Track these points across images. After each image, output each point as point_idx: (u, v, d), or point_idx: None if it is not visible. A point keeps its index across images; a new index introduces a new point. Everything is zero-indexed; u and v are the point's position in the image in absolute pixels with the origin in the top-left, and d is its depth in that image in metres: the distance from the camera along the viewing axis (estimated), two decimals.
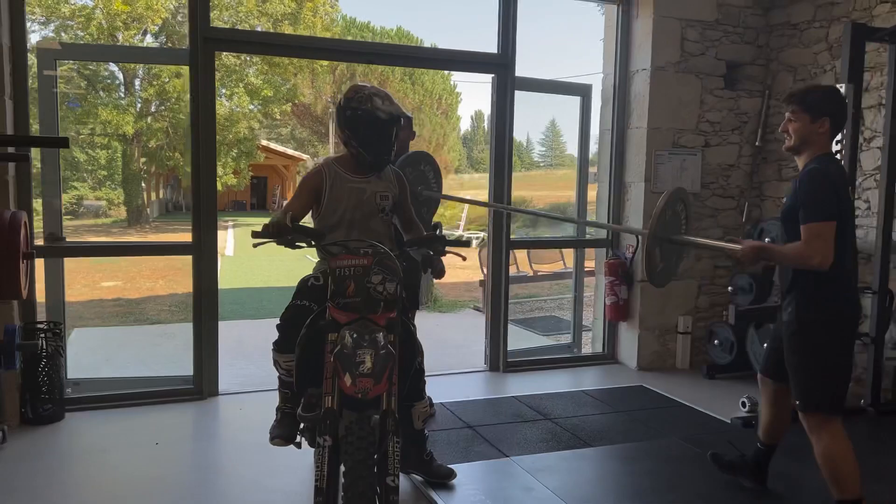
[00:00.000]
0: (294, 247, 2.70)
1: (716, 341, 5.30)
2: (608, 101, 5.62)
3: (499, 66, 5.10)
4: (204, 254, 4.44)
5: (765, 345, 4.51)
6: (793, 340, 2.92)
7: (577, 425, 4.15)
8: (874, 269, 4.51)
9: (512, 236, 5.34)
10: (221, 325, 4.60)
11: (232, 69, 22.55)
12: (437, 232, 2.83)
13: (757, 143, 5.61)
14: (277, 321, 2.94)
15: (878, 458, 3.81)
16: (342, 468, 2.29)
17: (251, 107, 25.04)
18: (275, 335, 2.94)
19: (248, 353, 5.69)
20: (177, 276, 10.23)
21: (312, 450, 3.43)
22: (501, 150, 5.13)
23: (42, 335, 4.05)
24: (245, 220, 26.42)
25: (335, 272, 2.51)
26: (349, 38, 29.91)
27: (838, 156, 4.33)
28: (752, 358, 5.01)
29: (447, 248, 2.88)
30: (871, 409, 4.45)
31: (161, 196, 32.83)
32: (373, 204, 3.00)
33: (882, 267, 4.46)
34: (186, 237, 4.53)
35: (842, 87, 4.29)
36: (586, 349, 5.92)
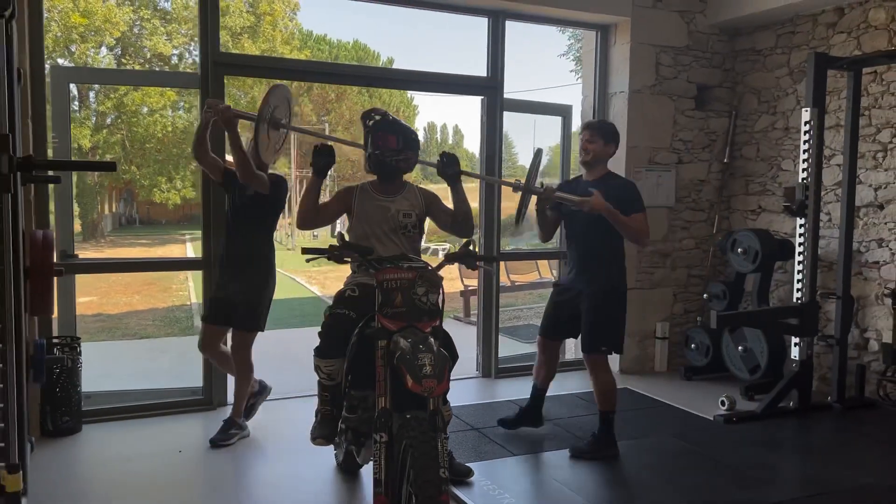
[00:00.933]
0: (342, 261, 2.94)
1: (692, 345, 5.67)
2: (588, 118, 5.96)
3: (488, 88, 5.40)
4: (214, 269, 4.59)
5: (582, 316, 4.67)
6: (603, 302, 3.96)
7: (575, 425, 4.45)
8: (837, 277, 4.93)
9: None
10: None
11: None
12: (470, 248, 3.09)
13: (725, 160, 6.03)
14: (319, 329, 3.18)
15: (845, 448, 4.20)
16: (400, 462, 2.51)
17: None
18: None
19: None
20: (151, 290, 10.25)
21: (333, 452, 3.68)
22: (492, 165, 5.43)
23: (60, 349, 4.17)
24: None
25: (383, 284, 2.74)
26: (307, 50, 30.08)
27: (804, 174, 4.76)
28: (726, 360, 5.39)
29: (477, 263, 3.16)
30: (838, 405, 4.85)
31: (114, 210, 32.32)
32: (396, 221, 3.27)
33: (844, 275, 4.88)
34: (145, 252, 4.70)
35: (807, 111, 4.71)
36: (569, 356, 6.23)
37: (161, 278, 11.18)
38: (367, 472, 3.68)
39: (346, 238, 3.00)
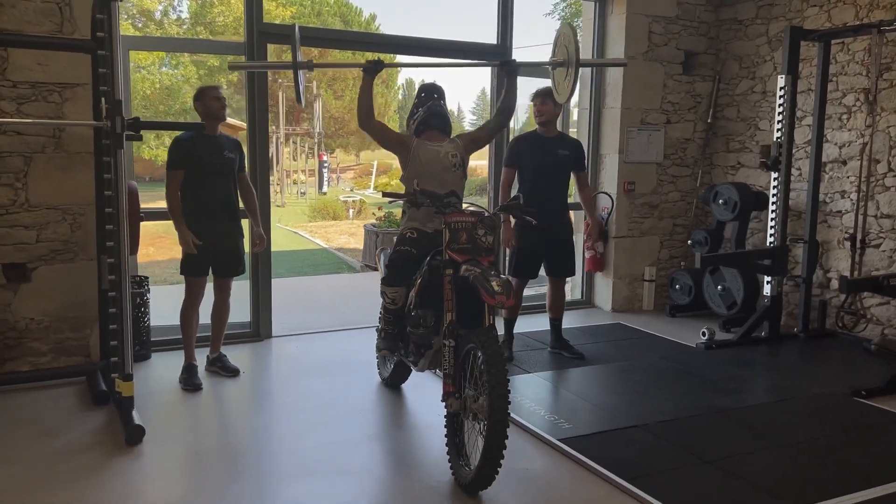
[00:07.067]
0: (417, 205, 3.57)
1: (677, 286, 6.39)
2: (586, 84, 6.56)
3: (499, 54, 5.95)
4: (262, 221, 5.10)
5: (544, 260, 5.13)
6: (571, 237, 5.00)
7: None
8: (805, 225, 5.63)
9: None
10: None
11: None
12: (519, 201, 3.67)
13: (708, 121, 6.68)
14: (386, 261, 3.83)
15: (805, 367, 5.00)
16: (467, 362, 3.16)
17: (196, 76, 25.11)
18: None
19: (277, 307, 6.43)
20: (164, 243, 10.77)
21: (373, 372, 4.37)
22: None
23: (133, 287, 4.76)
24: None
25: (451, 224, 3.32)
26: (292, 7, 30.06)
27: (778, 133, 5.42)
28: (707, 299, 6.11)
29: (521, 214, 3.80)
30: (802, 335, 5.60)
31: None
32: (447, 161, 3.91)
33: (811, 223, 5.58)
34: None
35: (782, 78, 5.36)
36: (567, 297, 6.92)
37: (168, 232, 11.68)
38: (407, 386, 4.38)
39: (416, 183, 3.61)
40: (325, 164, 27.65)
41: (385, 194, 3.71)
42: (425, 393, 4.26)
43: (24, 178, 4.35)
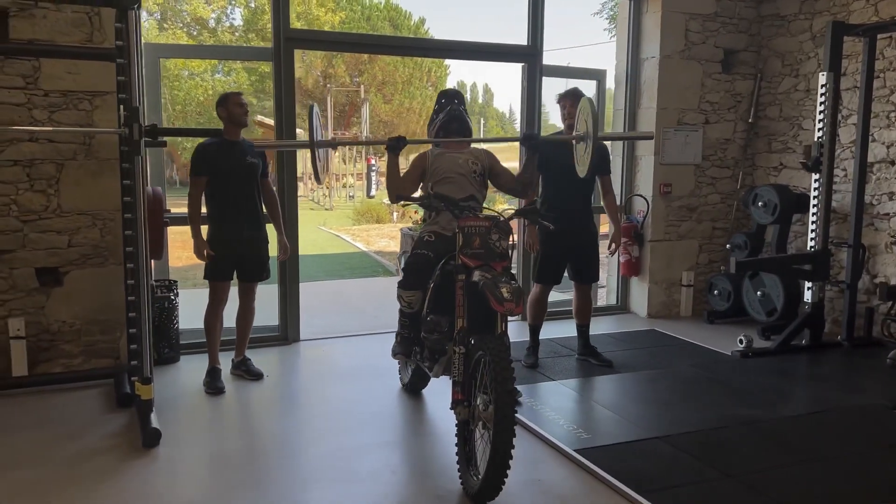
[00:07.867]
0: (431, 209, 3.54)
1: (715, 291, 6.18)
2: (621, 84, 6.42)
3: (528, 55, 5.87)
4: (287, 226, 5.11)
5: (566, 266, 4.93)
6: (596, 243, 4.86)
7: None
8: (850, 227, 5.38)
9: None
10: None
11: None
12: (536, 206, 3.61)
13: (750, 120, 6.45)
14: (403, 264, 3.81)
15: (848, 377, 4.77)
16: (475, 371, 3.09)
17: (248, 82, 25.63)
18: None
19: (307, 310, 6.46)
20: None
21: (397, 376, 4.33)
22: (531, 128, 5.93)
23: (160, 290, 4.85)
24: None
25: (464, 229, 3.27)
26: (341, 12, 30.39)
27: (820, 133, 5.20)
28: (746, 304, 5.90)
29: (539, 219, 3.73)
30: (846, 343, 5.35)
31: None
32: (467, 167, 3.87)
33: (856, 225, 5.33)
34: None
35: (823, 75, 5.13)
36: (601, 302, 6.79)
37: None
38: (427, 392, 4.34)
39: (430, 187, 3.59)
40: (374, 168, 27.79)
41: (398, 197, 3.68)
42: (444, 399, 4.14)
43: (56, 184, 4.45)
